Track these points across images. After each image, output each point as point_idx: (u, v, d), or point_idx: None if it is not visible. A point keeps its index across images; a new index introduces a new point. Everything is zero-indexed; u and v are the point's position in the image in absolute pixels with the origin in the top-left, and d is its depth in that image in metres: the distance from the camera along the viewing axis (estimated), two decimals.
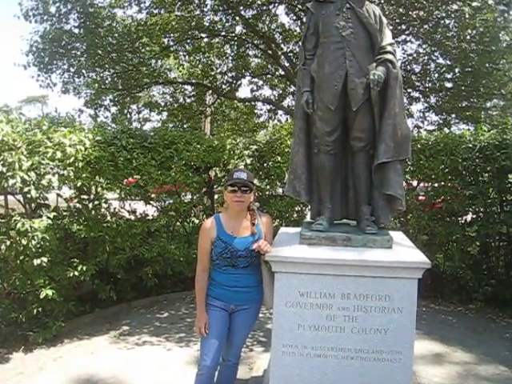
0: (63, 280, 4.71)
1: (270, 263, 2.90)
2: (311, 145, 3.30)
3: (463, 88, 9.86)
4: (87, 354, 4.47)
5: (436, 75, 10.33)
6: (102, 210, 5.26)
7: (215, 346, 2.89)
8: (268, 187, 6.42)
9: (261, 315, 3.36)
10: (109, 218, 5.41)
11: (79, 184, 4.62)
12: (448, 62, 10.09)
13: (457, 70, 9.74)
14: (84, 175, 4.65)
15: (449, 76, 10.29)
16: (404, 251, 2.99)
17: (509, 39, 8.80)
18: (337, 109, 3.09)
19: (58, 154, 4.35)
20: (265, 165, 6.38)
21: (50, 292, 4.36)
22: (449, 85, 10.60)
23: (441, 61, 10.46)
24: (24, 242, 4.18)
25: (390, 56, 3.06)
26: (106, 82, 11.05)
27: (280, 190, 6.63)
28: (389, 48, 3.10)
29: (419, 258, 2.88)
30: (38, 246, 4.27)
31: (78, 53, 9.90)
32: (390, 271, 2.81)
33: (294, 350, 2.92)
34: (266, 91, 27.18)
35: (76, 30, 9.72)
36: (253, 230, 2.97)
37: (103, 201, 5.06)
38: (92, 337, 4.88)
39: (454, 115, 10.68)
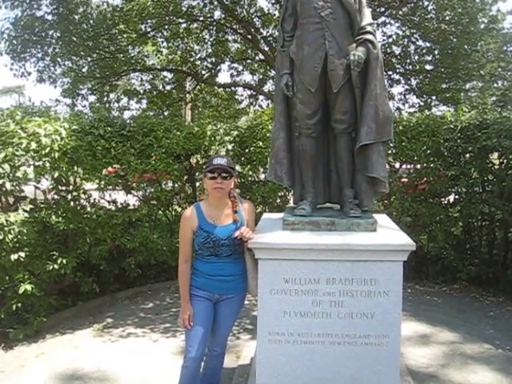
0: (43, 274, 4.60)
1: (253, 250, 2.85)
2: (292, 128, 3.24)
3: (443, 70, 9.86)
4: (70, 348, 4.38)
5: (416, 57, 10.31)
6: (81, 201, 5.13)
7: (200, 337, 2.83)
8: (250, 173, 6.34)
9: (246, 302, 3.32)
10: (88, 209, 5.29)
11: (56, 175, 4.49)
12: (427, 44, 10.06)
13: (436, 52, 9.71)
14: (61, 166, 4.52)
15: (428, 58, 10.27)
16: (388, 234, 2.96)
17: (486, 21, 8.80)
18: (317, 91, 3.02)
19: (33, 145, 4.21)
20: (246, 150, 6.30)
21: (28, 287, 4.25)
22: (429, 67, 10.59)
23: (420, 43, 10.44)
24: (0, 236, 4.06)
25: (369, 36, 3.00)
26: (83, 70, 10.77)
27: (262, 176, 6.57)
28: (368, 28, 3.03)
29: (404, 240, 2.85)
30: (15, 240, 4.15)
31: (53, 40, 9.58)
32: (374, 254, 2.78)
33: (281, 338, 2.88)
34: (247, 76, 26.89)
35: (49, 17, 9.40)
36: (235, 217, 2.91)
37: (81, 191, 4.94)
38: (75, 331, 4.79)
39: (434, 97, 10.70)
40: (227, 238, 2.85)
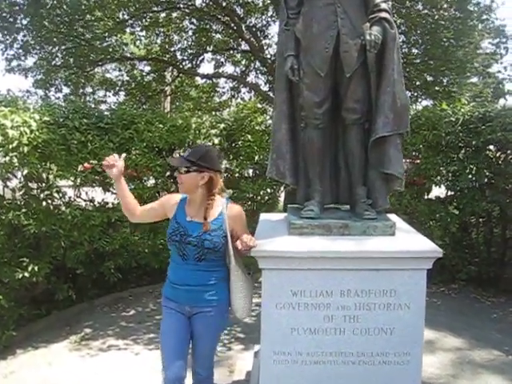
0: (12, 282, 4.13)
1: (256, 259, 2.47)
2: (296, 118, 2.87)
3: (431, 62, 9.55)
4: (44, 365, 3.92)
5: (405, 50, 9.95)
6: (55, 200, 4.65)
7: (177, 354, 2.44)
8: (238, 169, 5.94)
9: None
10: (63, 208, 4.81)
11: (25, 172, 4.02)
12: (416, 37, 9.72)
13: (425, 43, 9.36)
14: (31, 161, 4.04)
15: (417, 51, 9.95)
16: (409, 238, 2.63)
17: (478, 10, 8.51)
18: (327, 75, 2.66)
19: None
20: (234, 144, 5.91)
21: None
22: (417, 60, 10.27)
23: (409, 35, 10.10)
24: None
25: (385, 14, 2.64)
26: (56, 59, 10.12)
27: (251, 171, 6.19)
28: (383, 5, 2.67)
29: (428, 245, 2.52)
30: None
31: (22, 26, 8.87)
32: (395, 262, 2.45)
33: (287, 358, 2.53)
34: (229, 68, 26.32)
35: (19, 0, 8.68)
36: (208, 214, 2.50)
37: (54, 190, 4.46)
38: (49, 344, 4.33)
39: (422, 91, 10.38)
40: (196, 236, 2.43)
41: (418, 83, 10.13)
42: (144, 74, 12.48)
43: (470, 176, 5.41)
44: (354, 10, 2.63)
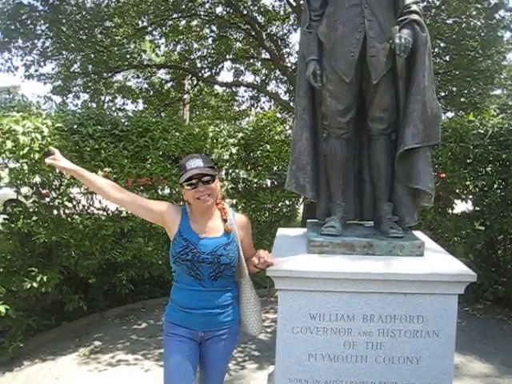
0: (21, 292, 4.01)
1: (272, 279, 2.29)
2: (318, 128, 2.69)
3: (457, 73, 9.28)
4: (51, 379, 3.79)
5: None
6: (66, 209, 4.54)
7: None
8: (256, 179, 5.77)
9: None
10: (76, 217, 4.69)
11: (36, 179, 3.90)
12: (441, 47, 9.46)
13: (451, 53, 9.10)
14: (42, 169, 3.92)
15: (441, 60, 9.70)
16: (439, 259, 2.41)
17: (509, 17, 8.21)
18: (352, 81, 2.48)
19: (8, 144, 3.63)
20: (252, 154, 5.75)
21: (2, 308, 3.67)
22: (441, 71, 10.02)
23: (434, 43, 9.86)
24: None
25: (416, 16, 2.46)
26: (75, 65, 10.10)
27: (269, 182, 6.01)
28: (414, 7, 2.49)
29: (460, 268, 2.30)
30: None
31: (41, 31, 8.82)
32: (424, 286, 2.24)
33: None
34: (248, 77, 26.19)
35: (38, 4, 8.60)
36: (227, 227, 2.33)
37: (66, 198, 4.34)
38: (57, 356, 4.20)
39: (447, 102, 10.10)
40: (211, 252, 2.25)
41: (442, 94, 9.83)
42: (163, 81, 12.41)
43: (498, 191, 5.16)
44: (382, 11, 2.46)
